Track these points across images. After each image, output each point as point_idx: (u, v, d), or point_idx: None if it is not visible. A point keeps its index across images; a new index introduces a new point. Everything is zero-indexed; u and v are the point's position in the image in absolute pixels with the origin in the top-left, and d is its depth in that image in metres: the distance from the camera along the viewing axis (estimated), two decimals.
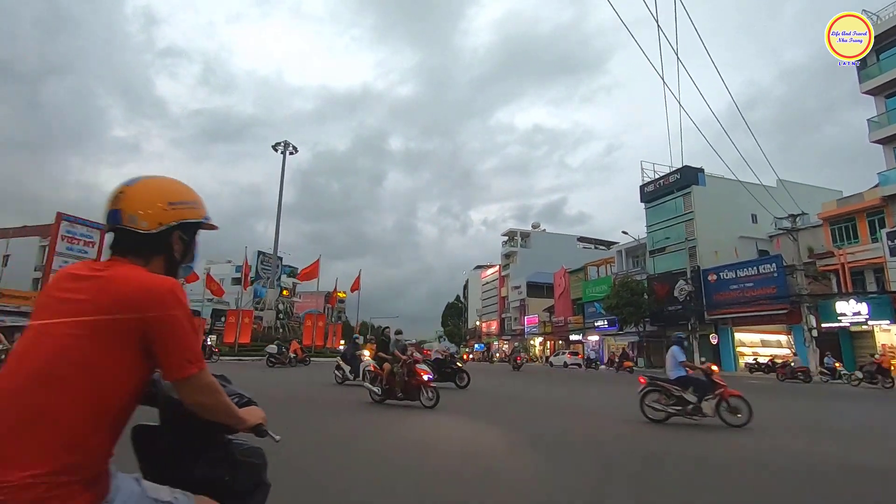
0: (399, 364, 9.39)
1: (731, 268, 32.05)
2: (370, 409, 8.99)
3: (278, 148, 35.00)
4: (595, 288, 44.75)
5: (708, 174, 36.67)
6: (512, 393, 13.74)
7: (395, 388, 9.36)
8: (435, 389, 9.19)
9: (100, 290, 1.12)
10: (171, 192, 1.31)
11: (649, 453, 5.73)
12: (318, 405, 9.70)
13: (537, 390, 15.09)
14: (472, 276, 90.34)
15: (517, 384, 16.99)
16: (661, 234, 38.35)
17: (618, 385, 18.13)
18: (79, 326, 1.09)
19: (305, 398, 10.65)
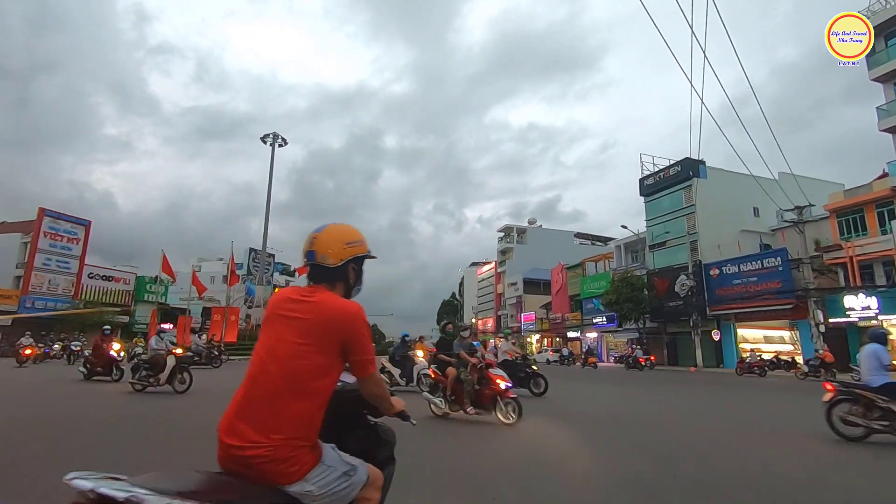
0: (467, 368, 7.70)
1: (734, 262, 31.17)
2: (433, 426, 7.09)
3: (267, 140, 33.80)
4: (593, 284, 43.86)
5: (709, 167, 35.78)
6: (584, 401, 11.68)
7: (463, 399, 7.67)
8: (515, 401, 7.31)
9: (314, 311, 1.61)
10: (347, 235, 1.80)
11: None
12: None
13: (606, 396, 13.12)
14: (467, 273, 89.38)
15: (573, 388, 15.23)
16: (661, 229, 37.45)
17: (664, 384, 17.31)
18: (302, 336, 1.56)
19: None
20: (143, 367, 10.66)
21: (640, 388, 15.48)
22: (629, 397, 12.80)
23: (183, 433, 6.32)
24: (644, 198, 39.23)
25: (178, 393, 10.47)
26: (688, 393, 14.45)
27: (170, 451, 5.22)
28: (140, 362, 10.85)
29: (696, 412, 9.93)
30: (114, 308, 45.58)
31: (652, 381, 18.54)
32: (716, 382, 19.07)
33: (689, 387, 16.80)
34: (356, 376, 1.69)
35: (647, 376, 23.05)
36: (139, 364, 10.79)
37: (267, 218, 32.67)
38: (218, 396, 10.01)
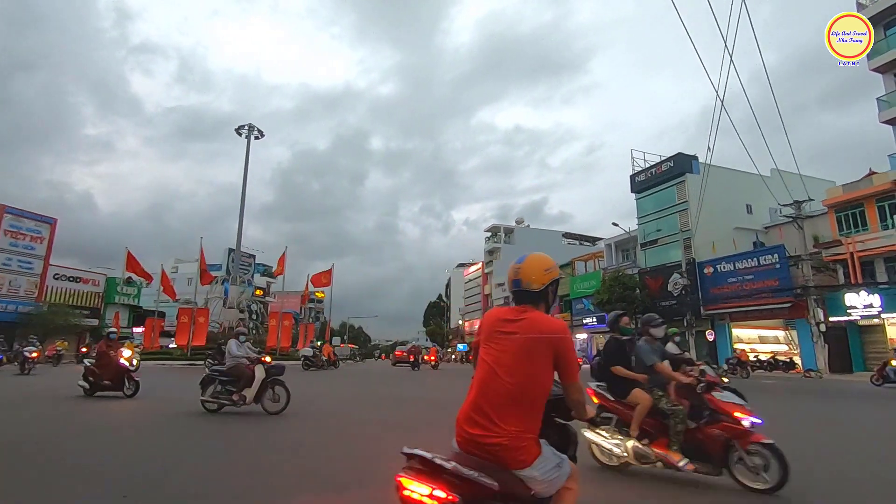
0: (670, 391, 4.63)
1: (729, 259, 30.20)
2: (605, 484, 4.28)
3: (242, 132, 31.99)
4: (583, 283, 42.70)
5: (702, 162, 34.82)
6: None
7: (666, 444, 4.36)
8: (769, 449, 3.96)
9: (531, 327, 1.91)
10: (544, 263, 2.08)
11: None
12: None
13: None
14: (454, 274, 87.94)
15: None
16: (652, 226, 36.44)
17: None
18: (522, 348, 1.89)
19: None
20: (218, 381, 8.25)
21: None
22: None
23: (331, 480, 4.27)
24: (635, 195, 38.20)
25: (271, 414, 8.01)
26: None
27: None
28: (213, 374, 8.43)
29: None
30: (82, 311, 43.35)
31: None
32: None
33: None
34: (565, 382, 1.99)
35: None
36: (212, 377, 8.35)
37: (241, 214, 30.86)
38: (321, 417, 8.11)
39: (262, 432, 6.68)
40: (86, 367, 10.69)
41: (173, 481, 4.15)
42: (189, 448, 5.66)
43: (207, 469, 4.64)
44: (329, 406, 9.93)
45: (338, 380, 17.67)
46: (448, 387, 15.76)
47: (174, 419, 7.70)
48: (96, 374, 10.34)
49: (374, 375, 21.46)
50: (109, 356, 10.48)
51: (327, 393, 13.12)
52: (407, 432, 6.88)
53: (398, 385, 15.98)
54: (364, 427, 7.24)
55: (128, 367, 10.35)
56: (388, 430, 7.04)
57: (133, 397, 10.16)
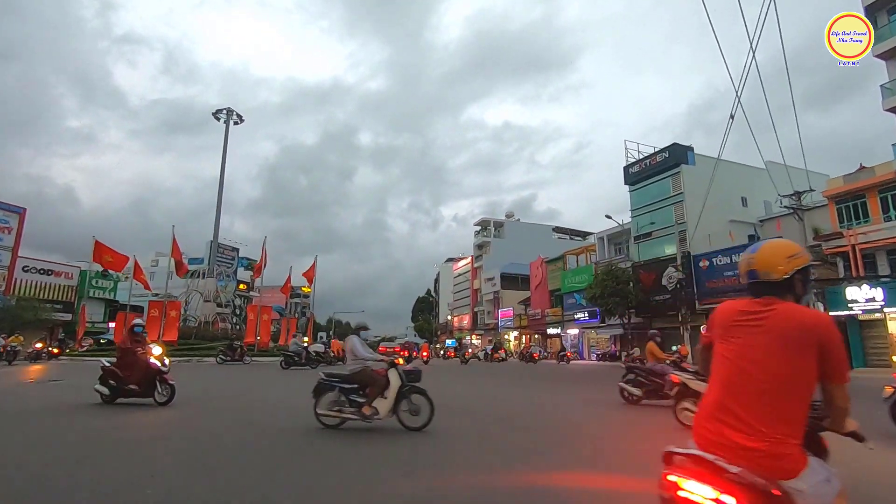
0: None
1: (725, 252, 29.40)
2: None
3: (220, 116, 30.38)
4: (575, 278, 41.81)
5: (697, 154, 34.03)
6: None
7: None
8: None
9: (783, 319, 1.67)
10: (787, 250, 1.80)
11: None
12: None
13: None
14: (443, 269, 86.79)
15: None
16: (646, 219, 35.57)
17: None
18: (776, 341, 1.65)
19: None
20: (339, 389, 6.49)
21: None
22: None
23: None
24: (629, 187, 37.31)
25: (410, 430, 6.25)
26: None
27: None
28: (331, 381, 6.58)
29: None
30: (54, 305, 41.47)
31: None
32: None
33: None
34: (830, 384, 1.70)
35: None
36: (329, 384, 6.55)
37: (219, 203, 29.33)
38: (467, 431, 6.60)
39: (410, 455, 5.04)
40: (105, 367, 8.59)
41: None
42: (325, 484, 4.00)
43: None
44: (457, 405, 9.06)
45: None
46: (479, 384, 14.70)
47: (274, 438, 5.78)
48: (119, 375, 8.38)
49: None
50: (136, 354, 8.50)
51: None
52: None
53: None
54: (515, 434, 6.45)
55: (160, 368, 8.41)
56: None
57: (167, 405, 8.31)
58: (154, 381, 8.41)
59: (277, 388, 12.79)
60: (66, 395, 10.24)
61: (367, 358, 6.59)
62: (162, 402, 8.35)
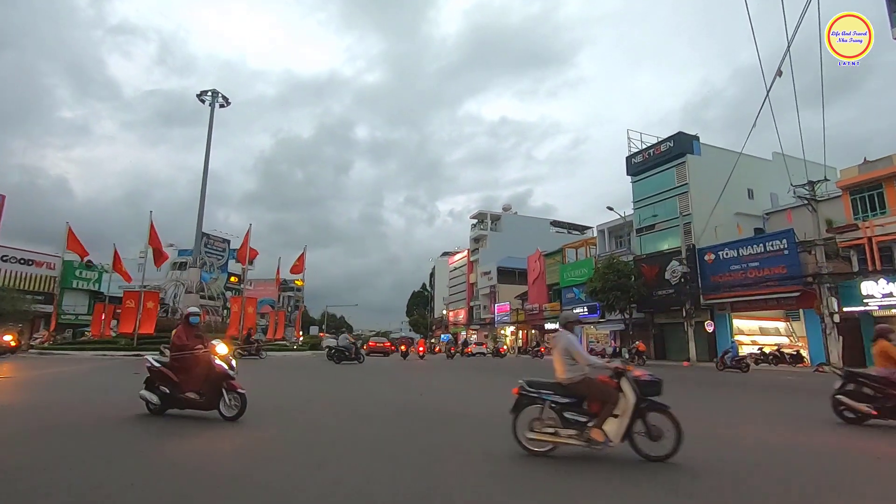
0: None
1: (732, 246, 28.25)
2: None
3: (205, 99, 28.84)
4: (574, 272, 40.63)
5: (703, 143, 32.82)
6: None
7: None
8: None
9: None
10: None
11: None
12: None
13: None
14: (438, 263, 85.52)
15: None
16: (649, 211, 34.38)
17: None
18: None
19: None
20: (549, 403, 4.86)
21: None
22: None
23: None
24: (631, 177, 36.08)
25: (651, 459, 4.62)
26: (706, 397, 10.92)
27: None
28: (541, 392, 4.93)
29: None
30: (35, 296, 39.92)
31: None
32: (716, 381, 15.76)
33: (697, 388, 13.35)
34: None
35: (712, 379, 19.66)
36: (535, 395, 4.94)
37: (204, 188, 27.86)
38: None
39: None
40: (153, 368, 6.60)
41: None
42: None
43: None
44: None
45: (420, 374, 15.04)
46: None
47: (474, 474, 4.13)
48: (172, 380, 6.44)
49: (412, 369, 18.79)
50: (196, 354, 6.48)
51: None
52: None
53: (458, 380, 13.60)
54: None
55: (227, 372, 6.34)
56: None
57: (236, 419, 6.25)
58: (220, 389, 6.32)
59: (373, 386, 11.39)
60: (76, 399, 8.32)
61: (593, 362, 4.85)
62: (230, 416, 6.26)
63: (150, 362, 6.66)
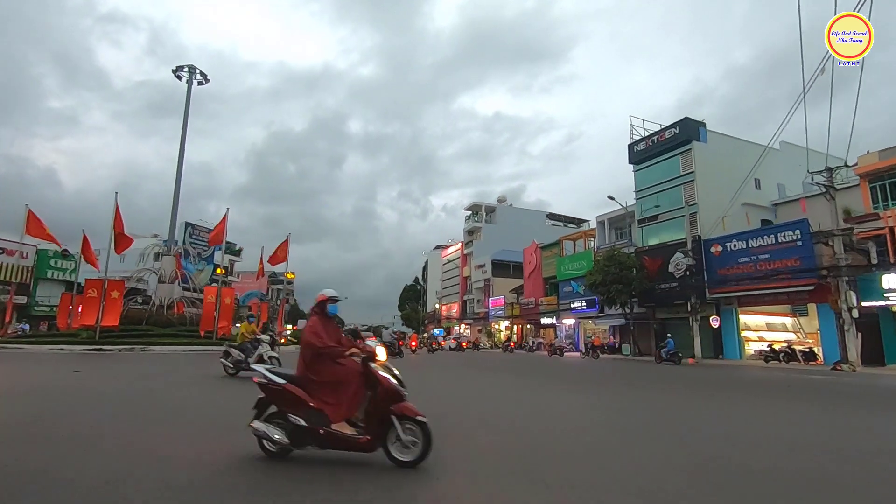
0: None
1: (741, 236, 26.79)
2: None
3: (182, 75, 26.87)
4: (572, 264, 39.11)
5: (709, 130, 31.29)
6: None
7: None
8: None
9: None
10: None
11: None
12: None
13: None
14: (431, 256, 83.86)
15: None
16: (652, 201, 32.86)
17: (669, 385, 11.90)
18: None
19: None
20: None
21: (637, 396, 10.26)
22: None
23: None
24: (633, 166, 34.53)
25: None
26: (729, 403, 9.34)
27: None
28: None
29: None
30: (6, 286, 37.86)
31: (650, 380, 13.49)
32: (744, 383, 14.20)
33: (709, 390, 11.77)
34: None
35: (637, 371, 18.10)
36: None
37: (180, 169, 25.98)
38: None
39: None
40: (270, 385, 4.14)
41: None
42: None
43: None
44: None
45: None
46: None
47: None
48: (305, 405, 4.04)
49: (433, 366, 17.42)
50: (343, 361, 4.25)
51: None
52: None
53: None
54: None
55: (398, 389, 4.05)
56: None
57: (416, 465, 3.95)
58: (389, 420, 3.98)
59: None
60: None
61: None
62: (406, 461, 3.95)
63: (264, 375, 4.17)
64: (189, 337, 20.65)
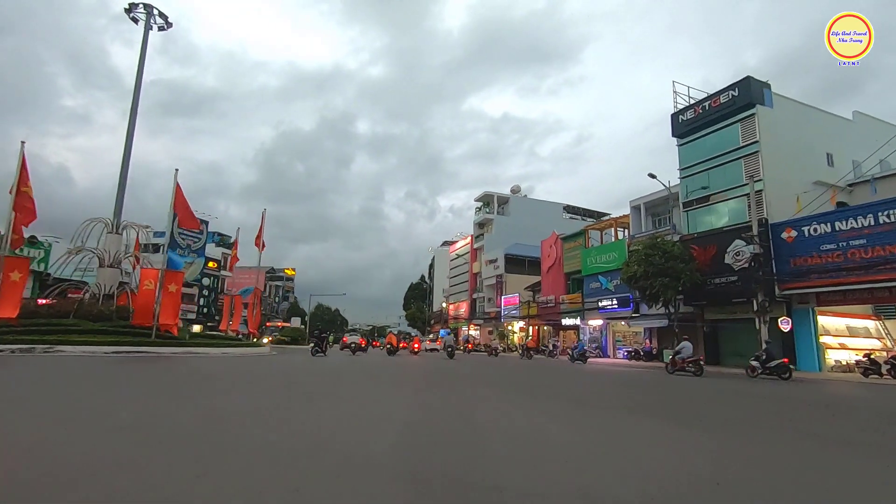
0: None
1: (823, 218, 21.59)
2: None
3: (138, 17, 22.05)
4: (600, 257, 33.94)
5: (776, 94, 26.04)
6: None
7: None
8: None
9: None
10: None
11: None
12: None
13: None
14: (438, 253, 78.85)
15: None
16: (701, 180, 27.65)
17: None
18: None
19: None
20: None
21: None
22: None
23: None
24: (677, 140, 29.31)
25: None
26: None
27: None
28: None
29: None
30: None
31: (765, 411, 8.07)
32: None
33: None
34: None
35: (731, 391, 12.59)
36: None
37: (133, 119, 21.28)
38: None
39: None
40: None
41: None
42: None
43: None
44: None
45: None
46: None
47: None
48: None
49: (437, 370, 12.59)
50: None
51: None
52: None
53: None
54: None
55: None
56: None
57: None
58: None
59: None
60: None
61: None
62: None
63: None
64: (119, 335, 15.82)
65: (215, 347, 17.84)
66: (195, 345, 17.05)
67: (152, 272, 16.94)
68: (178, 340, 16.64)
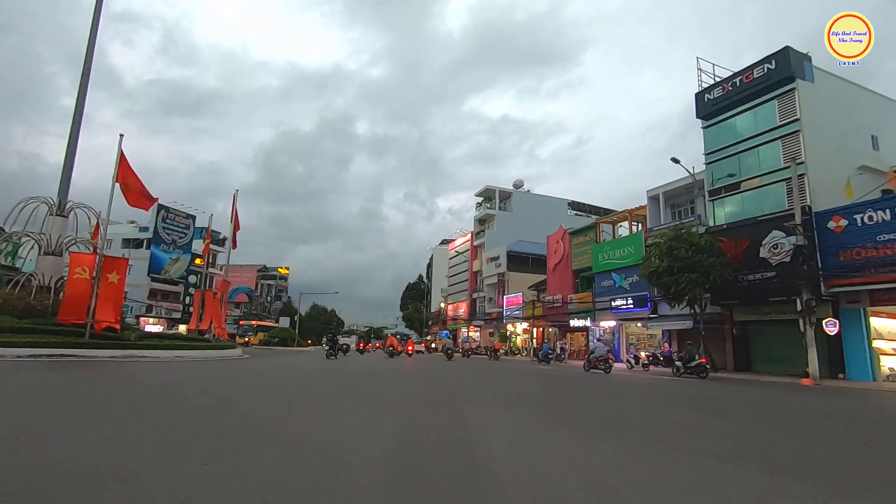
0: None
1: (881, 205, 18.77)
2: None
3: None
4: (614, 252, 31.06)
5: (816, 67, 23.21)
6: None
7: None
8: None
9: None
10: None
11: None
12: None
13: None
14: (437, 251, 75.91)
15: None
16: (729, 166, 24.84)
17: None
18: None
19: None
20: None
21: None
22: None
23: None
24: (702, 121, 26.48)
25: None
26: None
27: None
28: None
29: None
30: None
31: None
32: None
33: None
34: None
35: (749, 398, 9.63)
36: None
37: (86, 71, 18.47)
38: None
39: None
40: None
41: None
42: None
43: None
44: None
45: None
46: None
47: None
48: None
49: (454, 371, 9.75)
50: None
51: None
52: None
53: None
54: None
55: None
56: None
57: None
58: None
59: None
60: None
61: None
62: None
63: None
64: (48, 334, 12.88)
65: (168, 350, 14.88)
66: (143, 346, 14.12)
67: (87, 258, 14.01)
68: (121, 342, 13.72)
